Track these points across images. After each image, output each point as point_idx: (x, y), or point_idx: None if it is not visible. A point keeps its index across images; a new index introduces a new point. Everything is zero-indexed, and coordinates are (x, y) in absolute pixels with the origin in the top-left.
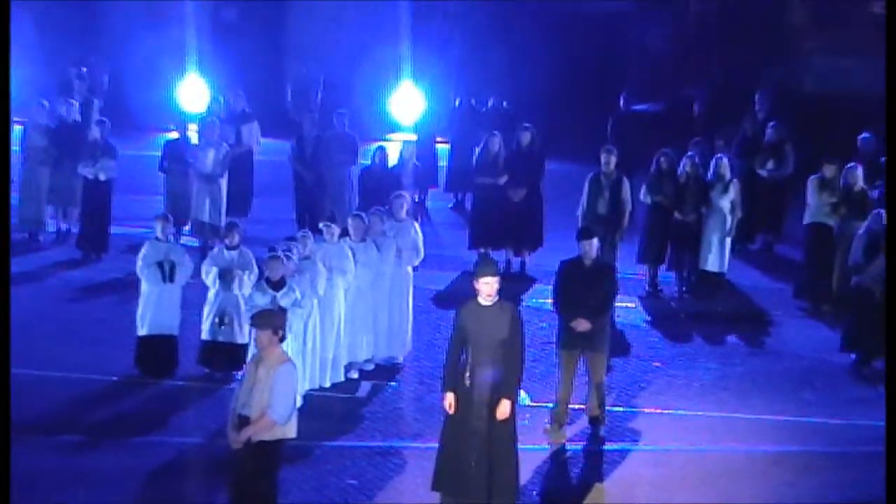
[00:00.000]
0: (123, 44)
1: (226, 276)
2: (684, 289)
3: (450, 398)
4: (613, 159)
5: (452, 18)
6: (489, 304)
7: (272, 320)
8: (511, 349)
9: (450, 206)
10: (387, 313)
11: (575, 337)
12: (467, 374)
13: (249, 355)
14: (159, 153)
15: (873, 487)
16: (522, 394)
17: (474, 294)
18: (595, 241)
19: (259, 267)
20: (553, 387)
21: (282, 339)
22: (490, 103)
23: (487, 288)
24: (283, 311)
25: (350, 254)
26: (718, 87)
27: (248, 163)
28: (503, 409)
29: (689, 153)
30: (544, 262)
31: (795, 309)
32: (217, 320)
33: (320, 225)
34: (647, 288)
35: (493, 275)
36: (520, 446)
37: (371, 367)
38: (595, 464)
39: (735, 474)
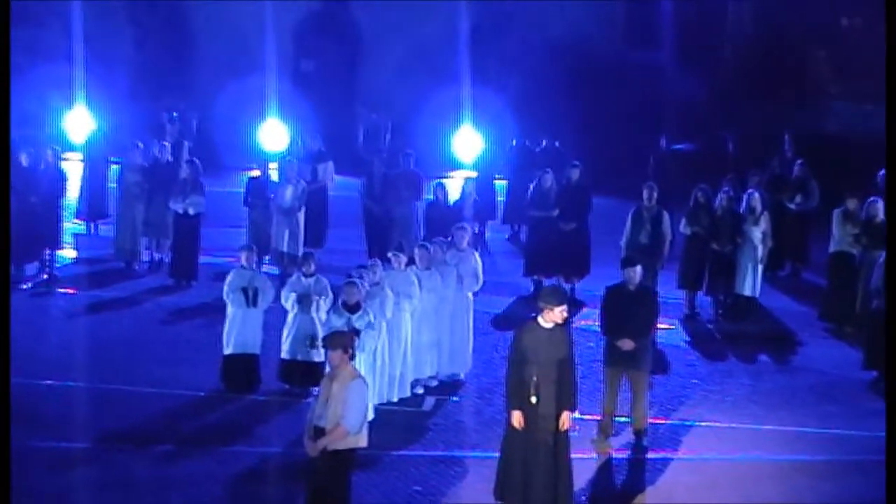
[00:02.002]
0: (211, 91)
1: (303, 301)
2: (720, 312)
3: (518, 416)
4: (654, 194)
5: (508, 67)
6: (550, 326)
7: (341, 340)
8: (569, 367)
9: (506, 237)
10: (449, 334)
11: (620, 356)
12: (533, 392)
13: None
14: (243, 189)
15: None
16: None
17: (533, 317)
18: (638, 268)
19: (334, 292)
20: (599, 401)
21: (352, 357)
22: (543, 143)
23: (562, 315)
24: (356, 332)
25: (416, 280)
26: (750, 128)
27: (324, 198)
28: (565, 420)
29: (724, 188)
30: (591, 288)
31: (821, 330)
32: (308, 342)
33: (389, 254)
34: (685, 311)
35: (567, 303)
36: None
37: (435, 383)
38: (638, 472)
39: (764, 480)
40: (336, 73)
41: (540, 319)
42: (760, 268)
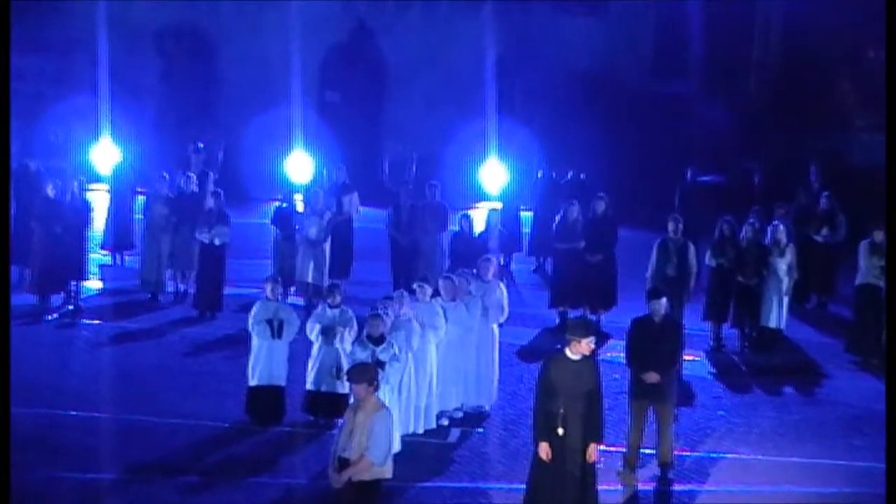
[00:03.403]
0: (237, 122)
1: (328, 333)
2: (746, 344)
3: (546, 448)
4: (680, 226)
5: (534, 98)
6: (577, 358)
7: (367, 374)
8: (597, 399)
9: (532, 268)
10: (474, 366)
11: (645, 388)
12: (560, 424)
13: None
14: (269, 221)
15: None
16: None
17: (560, 348)
18: (663, 300)
19: (360, 324)
20: (625, 433)
21: (375, 389)
22: (569, 175)
23: (589, 347)
24: (381, 364)
25: (441, 312)
26: (776, 160)
27: (349, 229)
28: (592, 452)
29: (750, 220)
30: (617, 320)
31: (846, 362)
32: (335, 371)
33: (414, 285)
34: (711, 343)
35: (594, 335)
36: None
37: (460, 414)
38: None
39: None
40: (362, 104)
41: (567, 351)
42: (786, 300)
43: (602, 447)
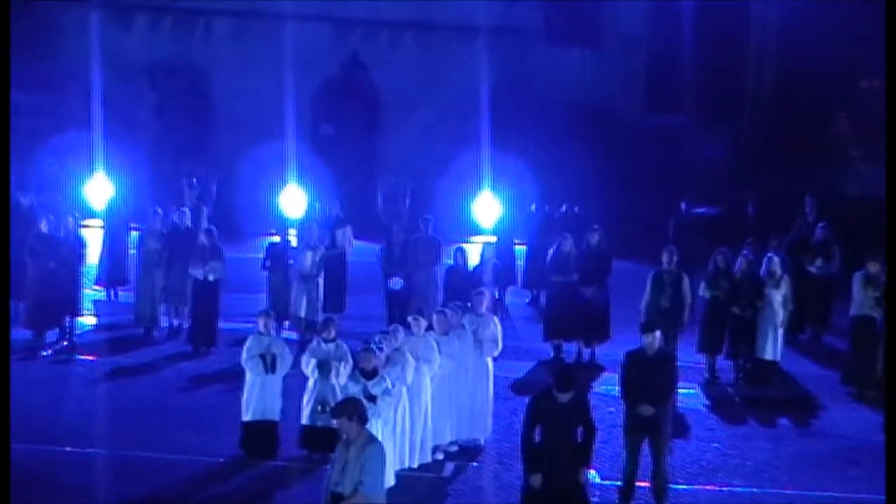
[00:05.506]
0: (230, 156)
1: (323, 367)
2: (740, 376)
3: (538, 479)
4: (674, 258)
5: (527, 132)
6: (565, 400)
7: (344, 409)
8: (588, 431)
9: (526, 301)
10: (469, 399)
11: (640, 421)
12: (547, 459)
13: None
14: (262, 255)
15: None
16: (592, 472)
17: (548, 387)
18: (657, 333)
19: (354, 358)
20: (620, 466)
21: (364, 423)
22: (563, 208)
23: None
24: (373, 398)
25: (435, 345)
26: (770, 191)
27: (342, 263)
28: (581, 475)
29: (744, 252)
30: (612, 353)
31: (842, 394)
32: (319, 407)
33: (409, 319)
34: (706, 375)
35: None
36: None
37: (455, 448)
38: None
39: None
40: (355, 137)
41: (554, 390)
42: (781, 332)
43: (597, 480)
